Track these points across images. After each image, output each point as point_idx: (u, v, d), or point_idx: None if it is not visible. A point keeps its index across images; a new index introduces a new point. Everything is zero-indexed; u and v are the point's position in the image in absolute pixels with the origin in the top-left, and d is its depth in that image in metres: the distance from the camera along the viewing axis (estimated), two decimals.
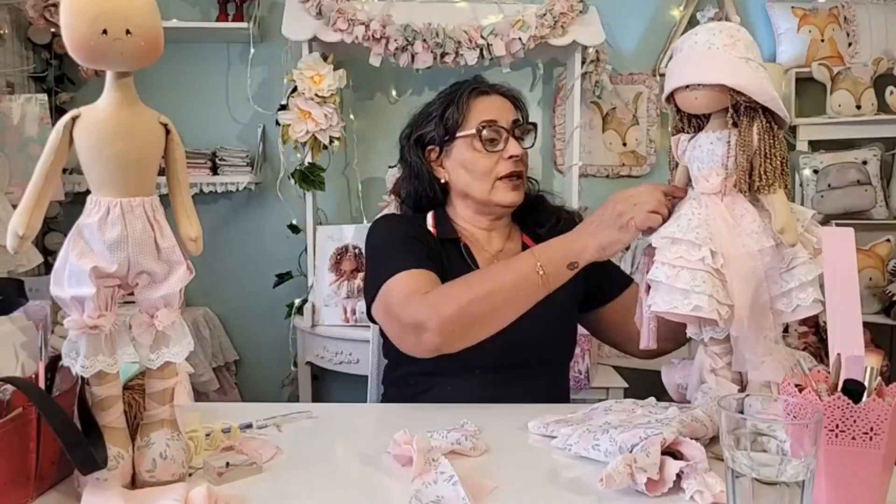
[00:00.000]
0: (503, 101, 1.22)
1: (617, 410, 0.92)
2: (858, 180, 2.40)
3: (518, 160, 1.18)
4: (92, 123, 0.69)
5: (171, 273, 0.73)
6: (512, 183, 1.19)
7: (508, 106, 1.22)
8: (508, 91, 1.25)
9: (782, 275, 0.89)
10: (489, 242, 1.24)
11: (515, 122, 1.20)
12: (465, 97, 1.20)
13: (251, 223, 2.72)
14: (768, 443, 0.65)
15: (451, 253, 1.20)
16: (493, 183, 1.18)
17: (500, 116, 1.19)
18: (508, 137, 1.18)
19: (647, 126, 2.70)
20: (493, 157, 1.18)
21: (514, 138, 1.19)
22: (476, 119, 1.19)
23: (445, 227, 1.23)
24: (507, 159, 1.17)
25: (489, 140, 1.18)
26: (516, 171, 1.18)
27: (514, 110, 1.22)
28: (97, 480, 0.69)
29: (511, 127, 1.19)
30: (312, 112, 2.21)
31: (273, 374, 2.65)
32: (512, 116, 1.20)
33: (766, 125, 0.89)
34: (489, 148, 1.18)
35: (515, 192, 1.19)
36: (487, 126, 1.18)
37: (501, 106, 1.21)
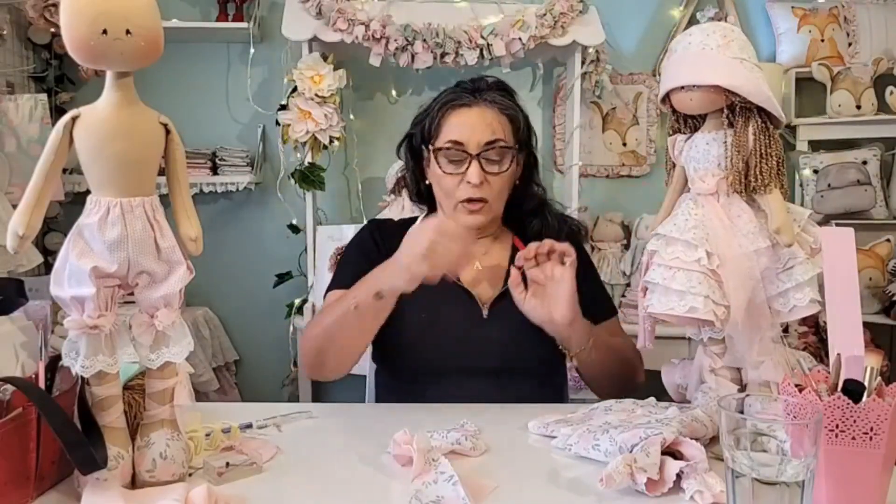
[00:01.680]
0: (481, 117, 1.13)
1: (617, 410, 0.92)
2: (858, 180, 2.40)
3: (479, 186, 1.11)
4: (92, 123, 0.69)
5: (171, 273, 0.73)
6: (469, 208, 1.13)
7: (487, 122, 1.12)
8: (497, 101, 1.15)
9: (779, 275, 0.89)
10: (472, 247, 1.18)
11: (490, 143, 1.11)
12: (440, 109, 1.15)
13: (251, 223, 2.72)
14: (768, 443, 0.65)
15: None
16: (454, 204, 1.14)
17: (470, 137, 1.11)
18: (472, 162, 1.11)
19: (647, 126, 2.70)
20: (455, 179, 1.13)
21: (479, 162, 1.11)
22: (445, 136, 1.13)
23: None
24: (467, 184, 1.11)
25: (452, 161, 1.13)
26: (475, 196, 1.12)
27: (493, 127, 1.12)
28: (97, 480, 0.69)
29: (480, 150, 1.11)
30: (312, 112, 2.21)
31: (273, 374, 2.65)
32: (486, 137, 1.11)
33: (761, 125, 0.89)
34: (451, 170, 1.13)
35: (473, 216, 1.14)
36: (453, 146, 1.12)
37: (476, 124, 1.12)
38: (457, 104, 1.14)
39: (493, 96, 1.15)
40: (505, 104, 1.16)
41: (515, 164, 1.16)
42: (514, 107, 1.17)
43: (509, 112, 1.16)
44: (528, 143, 1.21)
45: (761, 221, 0.89)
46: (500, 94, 1.16)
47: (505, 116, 1.15)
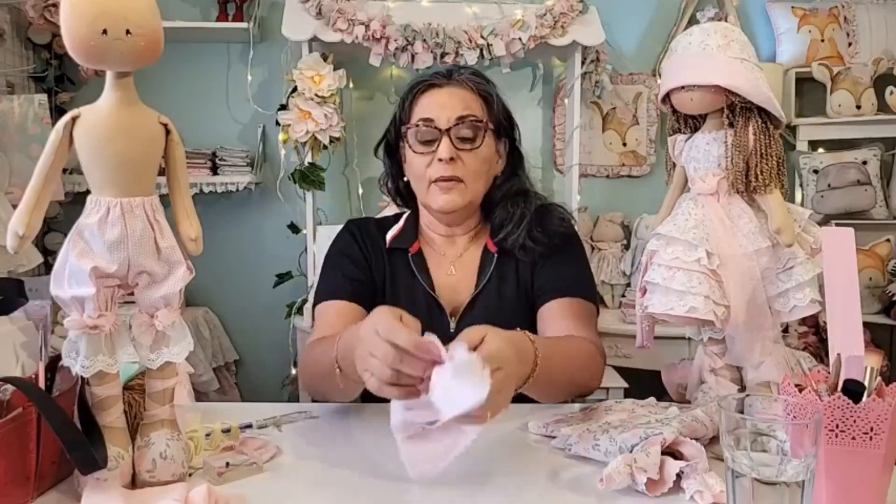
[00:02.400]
0: (452, 95, 1.08)
1: (617, 410, 0.92)
2: (858, 180, 2.40)
3: (450, 163, 1.06)
4: (92, 123, 0.69)
5: (171, 273, 0.73)
6: (442, 186, 1.08)
7: (459, 100, 1.08)
8: (469, 80, 1.11)
9: (779, 275, 0.89)
10: (449, 248, 1.17)
11: (461, 118, 1.07)
12: (413, 92, 1.12)
13: (251, 223, 2.72)
14: (768, 443, 0.65)
15: (399, 262, 1.15)
16: (427, 186, 1.09)
17: (441, 114, 1.07)
18: (442, 137, 1.06)
19: (647, 126, 2.70)
20: (426, 159, 1.08)
21: (450, 138, 1.06)
22: (417, 115, 1.10)
23: (406, 233, 1.17)
24: (439, 162, 1.07)
25: (423, 141, 1.08)
26: (446, 175, 1.07)
27: (465, 103, 1.08)
28: (97, 480, 0.69)
29: (451, 125, 1.06)
30: (312, 112, 2.21)
31: (273, 374, 2.65)
32: (458, 112, 1.07)
33: (761, 125, 0.89)
34: (422, 149, 1.08)
35: (447, 195, 1.08)
36: (422, 124, 1.08)
37: (447, 101, 1.08)
38: (428, 85, 1.11)
39: (467, 77, 1.11)
40: (478, 82, 1.12)
41: (490, 145, 1.11)
42: (490, 90, 1.13)
43: (483, 92, 1.11)
44: (510, 133, 1.16)
45: (761, 221, 0.89)
46: (475, 77, 1.13)
47: (479, 95, 1.11)
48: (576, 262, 1.15)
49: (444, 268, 1.16)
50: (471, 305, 1.11)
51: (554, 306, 1.09)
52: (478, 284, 1.13)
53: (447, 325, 1.11)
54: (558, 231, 1.13)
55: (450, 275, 1.15)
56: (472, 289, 1.12)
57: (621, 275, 2.52)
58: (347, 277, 1.13)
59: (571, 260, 1.14)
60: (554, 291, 1.10)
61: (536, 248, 1.11)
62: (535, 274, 1.13)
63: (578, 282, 1.12)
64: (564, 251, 1.13)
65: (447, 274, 1.15)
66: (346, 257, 1.16)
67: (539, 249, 1.11)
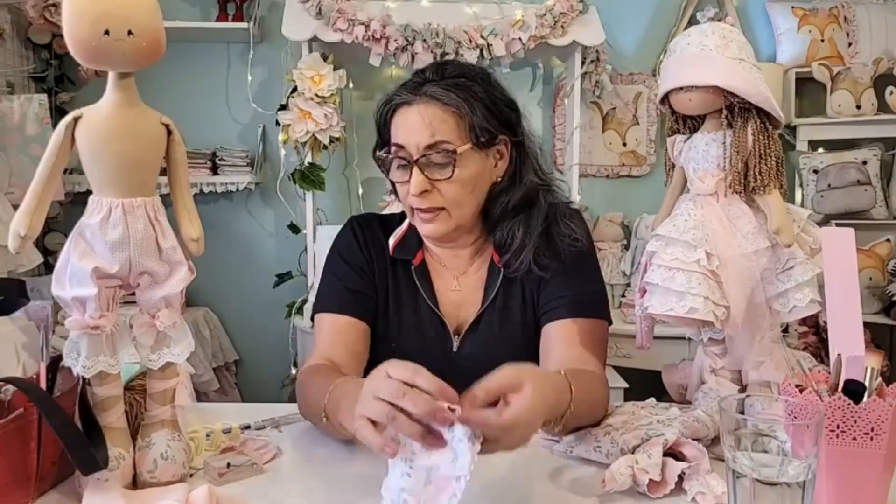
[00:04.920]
0: (422, 116, 0.97)
1: (618, 412, 0.92)
2: (858, 180, 2.40)
3: (425, 195, 0.98)
4: (94, 124, 0.69)
5: (172, 273, 0.73)
6: (422, 216, 1.01)
7: (428, 122, 0.96)
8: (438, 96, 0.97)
9: (779, 275, 0.89)
10: (452, 262, 1.10)
11: (429, 146, 0.96)
12: (384, 109, 1.03)
13: (251, 223, 2.72)
14: (769, 443, 0.65)
15: (402, 274, 1.09)
16: (412, 212, 1.03)
17: (409, 140, 0.98)
18: (413, 168, 0.97)
19: (647, 126, 2.70)
20: (404, 187, 1.01)
21: (421, 170, 0.97)
22: (392, 139, 1.01)
23: (410, 241, 1.10)
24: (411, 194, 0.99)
25: (399, 168, 1.01)
26: (423, 206, 0.99)
27: (433, 127, 0.96)
28: (98, 481, 0.69)
29: (420, 154, 0.97)
30: (312, 112, 2.21)
31: (273, 374, 2.65)
32: (426, 139, 0.96)
33: (760, 126, 0.89)
34: (399, 177, 1.01)
35: (430, 224, 1.01)
36: (396, 151, 1.00)
37: (415, 125, 0.97)
38: (398, 103, 1.00)
39: (436, 90, 0.97)
40: (447, 98, 0.97)
41: (471, 167, 0.99)
42: (466, 98, 0.98)
43: (452, 108, 0.97)
44: (507, 133, 1.02)
45: (761, 222, 0.89)
46: (448, 86, 0.98)
47: (448, 113, 0.97)
48: (586, 277, 1.05)
49: (449, 282, 1.09)
50: (475, 323, 1.06)
51: (561, 328, 1.00)
52: (483, 301, 1.06)
53: (450, 344, 1.06)
54: (569, 252, 1.03)
55: (455, 290, 1.08)
56: (478, 305, 1.06)
57: (621, 275, 2.52)
58: (348, 289, 1.08)
59: (582, 276, 1.04)
60: (562, 310, 1.01)
61: (543, 274, 1.03)
62: (541, 289, 1.05)
63: (589, 300, 1.02)
64: (574, 267, 1.04)
65: (452, 289, 1.08)
66: (347, 264, 1.10)
67: (546, 275, 1.03)
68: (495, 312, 1.06)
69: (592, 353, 0.98)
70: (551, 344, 1.00)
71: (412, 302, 1.08)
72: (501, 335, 1.04)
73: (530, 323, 1.05)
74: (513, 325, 1.05)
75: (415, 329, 1.07)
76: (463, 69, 1.04)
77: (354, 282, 1.09)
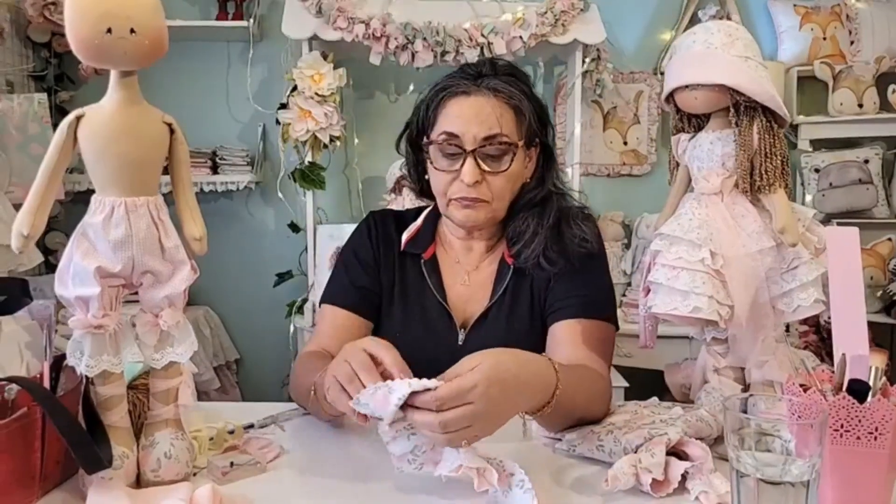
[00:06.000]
0: (480, 108, 0.99)
1: (621, 412, 0.92)
2: (860, 179, 2.40)
3: (474, 186, 0.99)
4: (96, 123, 0.69)
5: (175, 273, 0.73)
6: (464, 202, 1.01)
7: (487, 115, 0.99)
8: (500, 89, 1.00)
9: (783, 275, 0.89)
10: (465, 256, 1.11)
11: (488, 138, 0.98)
12: (436, 97, 1.03)
13: (251, 222, 2.72)
14: (773, 442, 0.65)
15: (411, 268, 1.11)
16: (448, 201, 1.03)
17: (467, 130, 0.98)
18: (466, 158, 0.98)
19: (647, 125, 2.70)
20: (448, 176, 1.01)
21: (475, 160, 0.98)
22: (441, 127, 1.01)
23: (423, 235, 1.12)
24: (461, 182, 1.00)
25: (447, 156, 1.01)
26: (469, 196, 1.00)
27: (492, 119, 0.99)
28: (102, 480, 0.69)
29: (476, 145, 0.98)
30: (312, 111, 2.21)
31: (274, 373, 2.65)
32: (483, 131, 0.98)
33: (765, 124, 0.89)
34: (445, 166, 1.01)
35: (468, 210, 1.02)
36: (447, 140, 1.00)
37: (475, 115, 0.99)
38: (454, 92, 1.01)
39: (497, 84, 1.00)
40: (509, 93, 1.00)
41: (519, 162, 1.02)
42: (522, 95, 1.02)
43: (514, 102, 1.01)
44: (543, 137, 1.06)
45: (765, 221, 0.89)
46: (506, 81, 1.02)
47: (509, 107, 1.00)
48: (595, 279, 1.05)
49: (459, 277, 1.10)
50: (482, 318, 1.06)
51: (567, 328, 1.01)
52: (492, 297, 1.07)
53: (456, 338, 1.06)
54: (577, 252, 1.03)
55: (464, 285, 1.10)
56: (486, 301, 1.07)
57: (622, 274, 2.52)
58: (354, 284, 1.10)
59: (590, 277, 1.05)
60: (569, 310, 1.02)
61: (551, 269, 1.03)
62: (550, 289, 1.05)
63: (596, 302, 1.03)
64: (583, 268, 1.04)
65: (461, 284, 1.10)
66: (357, 260, 1.12)
67: (554, 271, 1.03)
68: (503, 308, 1.06)
69: (598, 354, 0.98)
70: (557, 343, 1.01)
71: (420, 295, 1.10)
72: (508, 331, 1.05)
73: (537, 321, 1.06)
74: (520, 322, 1.06)
75: (421, 322, 1.08)
76: (513, 68, 1.06)
77: (361, 278, 1.11)
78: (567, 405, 0.81)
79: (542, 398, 0.78)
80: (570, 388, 0.80)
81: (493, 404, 0.70)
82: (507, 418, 0.74)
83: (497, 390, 0.70)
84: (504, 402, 0.72)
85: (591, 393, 0.89)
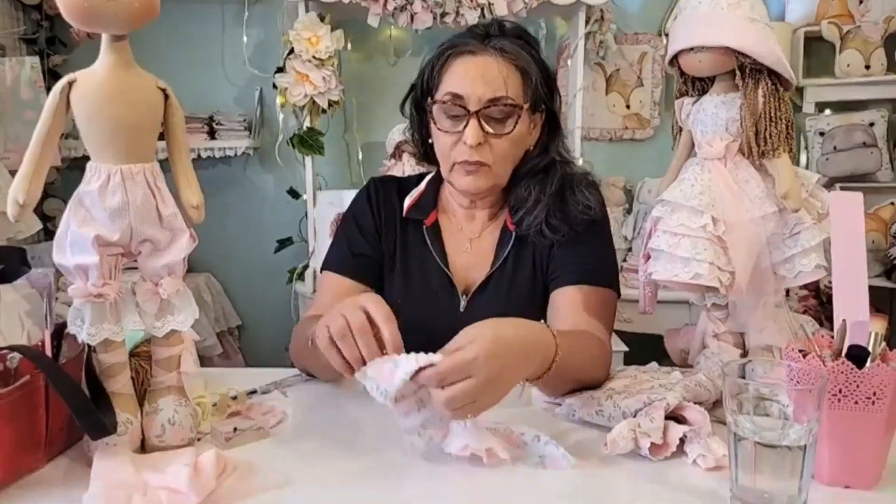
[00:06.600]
0: (487, 69, 0.97)
1: (620, 376, 0.92)
2: (864, 142, 2.38)
3: (476, 148, 0.98)
4: (88, 87, 0.67)
5: (174, 241, 0.73)
6: (467, 169, 1.00)
7: (493, 76, 0.97)
8: (507, 50, 0.99)
9: (785, 241, 0.89)
10: (468, 223, 1.11)
11: (493, 100, 0.97)
12: (442, 56, 1.01)
13: (250, 189, 2.71)
14: (771, 407, 0.65)
15: (413, 234, 1.10)
16: (451, 166, 1.02)
17: (472, 90, 0.97)
18: (470, 120, 0.97)
19: (651, 88, 2.66)
20: (451, 138, 1.00)
21: (479, 121, 0.97)
22: (446, 87, 0.99)
23: (425, 201, 1.11)
24: (464, 144, 0.98)
25: (451, 117, 0.99)
26: (471, 160, 0.99)
27: (498, 81, 0.97)
28: (107, 445, 0.69)
29: (480, 107, 0.97)
30: (310, 75, 2.18)
31: (276, 339, 2.67)
32: (490, 93, 0.97)
33: (771, 88, 0.87)
34: (448, 126, 1.00)
35: (471, 177, 1.01)
36: (451, 100, 0.98)
37: (479, 76, 0.97)
38: (461, 51, 1.00)
39: (504, 44, 0.99)
40: (517, 54, 0.99)
41: (524, 126, 1.01)
42: (530, 58, 1.00)
43: (521, 64, 0.99)
44: (549, 104, 1.05)
45: (769, 186, 0.88)
46: (514, 43, 1.00)
47: (516, 69, 0.99)
48: (597, 247, 1.05)
49: (461, 244, 1.10)
50: (483, 286, 1.06)
51: (568, 294, 1.01)
52: (493, 264, 1.06)
53: (458, 305, 1.06)
54: (580, 219, 1.03)
55: (466, 252, 1.09)
56: (488, 268, 1.07)
57: (623, 239, 2.52)
58: (354, 252, 1.10)
59: (593, 245, 1.04)
60: (570, 276, 1.02)
61: (554, 237, 1.03)
62: (551, 256, 1.05)
63: (598, 268, 1.03)
64: (585, 235, 1.04)
65: (463, 251, 1.09)
66: (357, 227, 1.12)
67: (556, 238, 1.03)
68: (505, 275, 1.06)
69: (598, 320, 0.99)
70: (558, 310, 1.01)
71: (421, 262, 1.09)
72: (509, 298, 1.05)
73: (539, 288, 1.06)
74: (521, 289, 1.06)
75: (422, 288, 1.08)
76: (521, 30, 1.04)
77: (361, 245, 1.11)
78: (567, 371, 0.82)
79: (541, 366, 0.79)
80: (569, 354, 0.81)
81: (493, 376, 0.70)
82: (510, 388, 0.74)
83: (497, 362, 0.70)
84: (505, 373, 0.72)
85: (591, 359, 0.90)
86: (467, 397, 0.69)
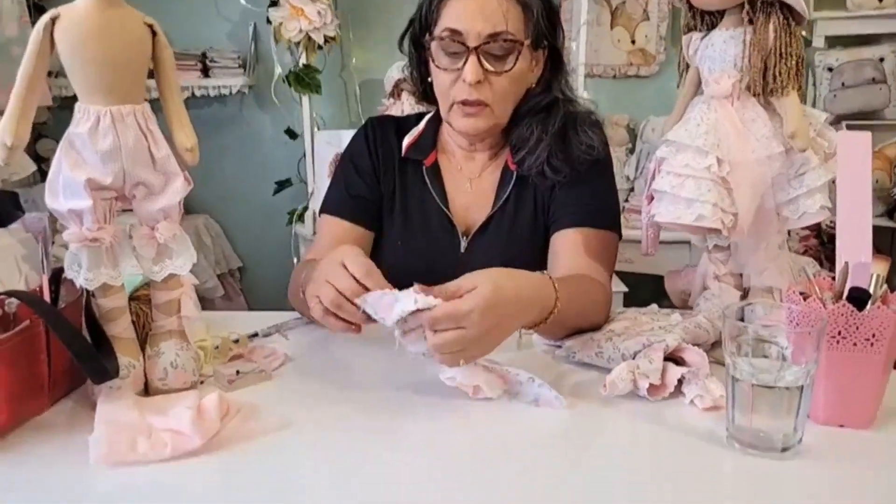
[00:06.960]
0: (487, 2, 0.94)
1: (620, 318, 0.93)
2: (874, 78, 2.32)
3: (476, 86, 0.95)
4: (70, 23, 0.65)
5: (168, 184, 0.71)
6: (465, 110, 0.98)
7: (493, 10, 0.94)
8: None
9: (791, 181, 0.87)
10: (468, 164, 1.09)
11: (492, 35, 0.94)
12: None
13: (247, 128, 2.66)
14: (769, 348, 0.66)
15: (412, 175, 1.09)
16: (450, 105, 1.00)
17: (471, 26, 0.94)
18: (469, 56, 0.94)
19: (657, 22, 2.57)
20: (450, 76, 0.97)
21: (479, 58, 0.94)
22: (444, 23, 0.96)
23: (424, 141, 1.09)
24: (463, 82, 0.96)
25: (450, 54, 0.97)
26: (471, 98, 0.96)
27: (498, 16, 0.94)
28: (110, 389, 0.70)
29: (480, 42, 0.94)
30: (305, 9, 2.10)
31: (277, 280, 2.67)
32: (488, 28, 0.94)
33: (783, 22, 0.83)
34: (446, 64, 0.97)
35: (470, 118, 0.99)
36: (449, 36, 0.95)
37: (480, 10, 0.94)
38: None
39: None
40: None
41: (525, 63, 0.98)
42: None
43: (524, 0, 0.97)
44: (552, 39, 1.02)
45: (776, 125, 0.86)
46: None
47: (516, 3, 0.96)
48: (599, 188, 1.04)
49: (461, 184, 1.08)
50: (484, 226, 1.06)
51: (569, 237, 1.00)
52: (494, 205, 1.05)
53: (458, 246, 1.06)
54: (583, 159, 1.01)
55: (466, 192, 1.08)
56: (488, 209, 1.06)
57: (625, 179, 2.49)
58: (352, 194, 1.09)
59: (594, 185, 1.03)
60: (571, 218, 1.01)
61: (555, 178, 1.01)
62: (553, 197, 1.04)
63: (600, 210, 1.02)
64: (587, 176, 1.02)
65: (463, 191, 1.08)
66: (355, 168, 1.10)
67: (558, 178, 1.01)
68: (505, 216, 1.06)
69: (599, 263, 0.99)
70: (558, 252, 1.01)
71: (421, 202, 1.08)
72: (510, 239, 1.04)
73: (540, 230, 1.06)
74: (522, 230, 1.05)
75: (422, 229, 1.08)
76: None
77: (358, 187, 1.10)
78: (566, 320, 0.83)
79: (539, 316, 0.79)
80: (569, 302, 0.81)
81: (485, 330, 0.71)
82: (502, 340, 0.75)
83: (493, 316, 0.71)
84: (500, 326, 0.73)
85: (591, 304, 0.90)
86: (456, 346, 0.70)
